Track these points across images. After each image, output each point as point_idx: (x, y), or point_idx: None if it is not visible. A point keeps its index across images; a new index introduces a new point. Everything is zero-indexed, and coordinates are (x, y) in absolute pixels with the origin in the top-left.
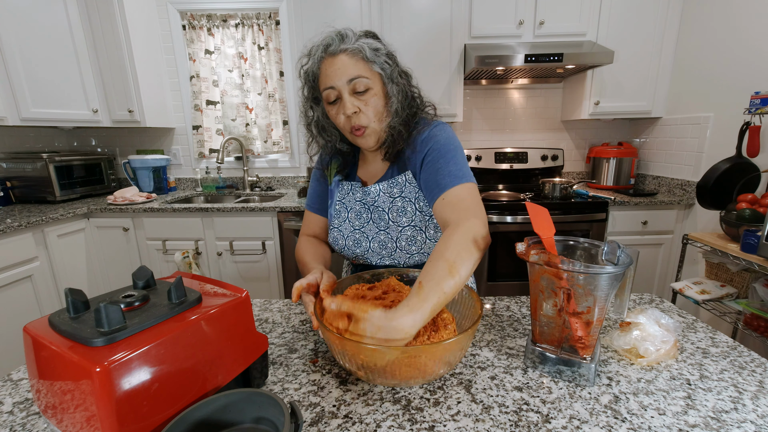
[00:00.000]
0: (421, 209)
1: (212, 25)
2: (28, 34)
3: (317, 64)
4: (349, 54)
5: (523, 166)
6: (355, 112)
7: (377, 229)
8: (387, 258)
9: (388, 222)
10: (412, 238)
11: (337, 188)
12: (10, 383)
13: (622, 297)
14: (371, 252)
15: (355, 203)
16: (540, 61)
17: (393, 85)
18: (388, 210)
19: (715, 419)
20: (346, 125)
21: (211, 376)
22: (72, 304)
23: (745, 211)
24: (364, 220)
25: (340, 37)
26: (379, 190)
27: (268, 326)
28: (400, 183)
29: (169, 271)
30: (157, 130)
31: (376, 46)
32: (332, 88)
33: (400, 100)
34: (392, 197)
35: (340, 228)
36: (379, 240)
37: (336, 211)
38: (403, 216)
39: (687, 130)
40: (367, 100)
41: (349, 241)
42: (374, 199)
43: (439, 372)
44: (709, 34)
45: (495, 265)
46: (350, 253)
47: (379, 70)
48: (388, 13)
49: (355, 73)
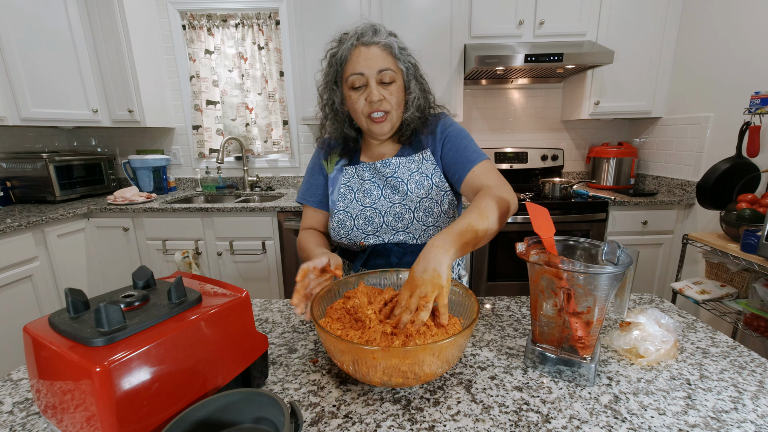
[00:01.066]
0: (437, 184)
1: (212, 25)
2: (28, 34)
3: (349, 50)
4: (381, 47)
5: (523, 166)
6: (380, 99)
7: (391, 203)
8: (402, 232)
9: (406, 192)
10: (429, 210)
11: (340, 174)
12: (10, 383)
13: (622, 297)
14: (385, 228)
15: (363, 183)
16: (540, 61)
17: (414, 81)
18: (407, 181)
19: (715, 419)
20: (365, 109)
21: (211, 376)
22: (72, 304)
23: (745, 211)
24: (374, 197)
25: (374, 30)
26: (398, 163)
27: (268, 326)
28: (417, 160)
29: (169, 271)
30: (157, 130)
31: (403, 45)
32: (361, 75)
33: (417, 95)
34: (410, 171)
35: (347, 209)
36: (395, 213)
37: (341, 194)
38: (420, 188)
39: (687, 130)
40: (391, 90)
41: (359, 221)
42: (393, 171)
43: (437, 371)
44: (709, 34)
45: (495, 265)
46: (359, 233)
47: (403, 66)
48: (388, 13)
49: (384, 65)
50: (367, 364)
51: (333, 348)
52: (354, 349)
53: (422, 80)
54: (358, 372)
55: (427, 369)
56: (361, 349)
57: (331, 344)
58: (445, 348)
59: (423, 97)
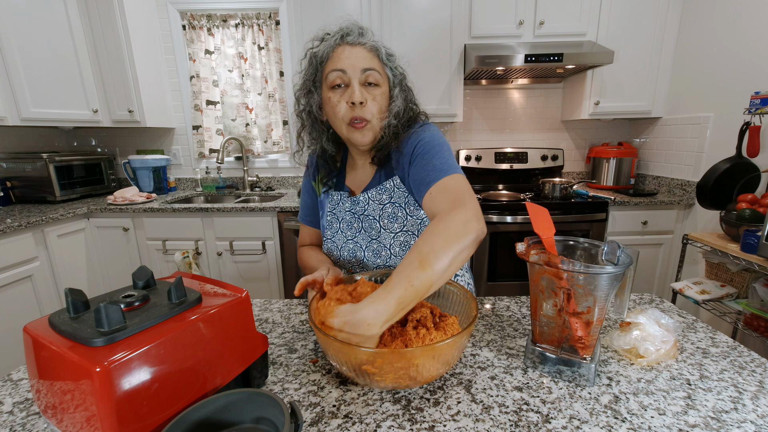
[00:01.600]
0: (412, 213)
1: (212, 25)
2: (28, 34)
3: (331, 48)
4: (367, 48)
5: (523, 166)
6: (362, 102)
7: (369, 238)
8: (383, 267)
9: (379, 230)
10: (406, 243)
11: (326, 199)
12: (10, 383)
13: (622, 297)
14: (366, 262)
15: (345, 213)
16: (540, 61)
17: (399, 89)
18: (378, 218)
19: (715, 419)
20: (347, 114)
21: (211, 376)
22: (72, 304)
23: (745, 211)
24: (355, 230)
25: (361, 31)
26: (368, 198)
27: (268, 326)
28: (389, 189)
29: (169, 271)
30: (157, 130)
31: (391, 52)
32: (342, 72)
33: (401, 104)
34: (381, 204)
35: (334, 239)
36: (373, 249)
37: (328, 222)
38: (394, 222)
39: (687, 130)
40: (375, 95)
41: (343, 252)
42: (364, 208)
43: (435, 374)
44: (709, 34)
45: (495, 265)
46: (347, 263)
47: (389, 73)
48: (388, 13)
49: (370, 65)
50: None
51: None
52: (352, 351)
53: (408, 90)
54: (358, 376)
55: (425, 372)
56: (359, 351)
57: (329, 348)
58: (443, 349)
59: (403, 106)
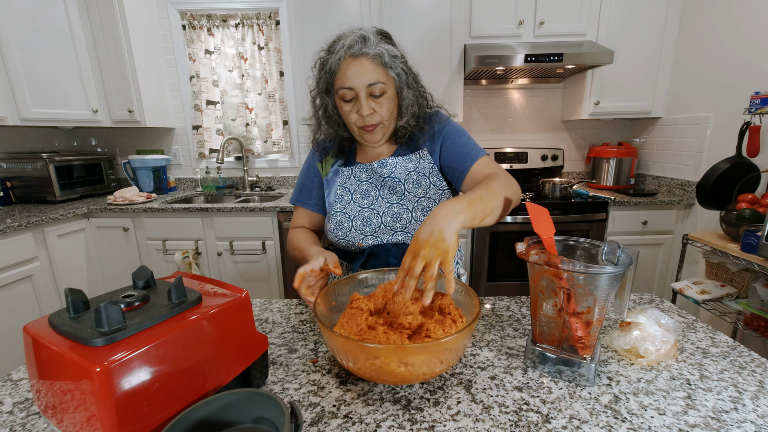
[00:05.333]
0: (435, 183)
1: (212, 25)
2: (28, 34)
3: (338, 62)
4: (370, 58)
5: (523, 166)
6: (370, 113)
7: (388, 203)
8: (400, 232)
9: (404, 192)
10: (428, 209)
11: (336, 176)
12: (10, 383)
13: (622, 297)
14: (383, 228)
15: (360, 184)
16: (540, 61)
17: (407, 89)
18: (404, 180)
19: (715, 419)
20: (358, 122)
21: (211, 376)
22: (72, 304)
23: (745, 211)
24: (372, 198)
25: (363, 40)
26: (395, 162)
27: (268, 326)
28: (414, 159)
29: (169, 271)
30: (157, 130)
31: (394, 53)
32: (350, 89)
33: (411, 101)
34: (408, 170)
35: (345, 210)
36: (393, 213)
37: (337, 196)
38: (418, 188)
39: (687, 130)
40: (381, 102)
41: (357, 221)
42: (391, 171)
43: (439, 369)
44: (709, 34)
45: (495, 265)
46: (357, 234)
47: (394, 75)
48: (388, 14)
49: (374, 78)
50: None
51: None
52: (358, 347)
53: (416, 85)
54: (362, 369)
55: (426, 367)
56: (365, 346)
57: (335, 342)
58: (447, 344)
59: (417, 104)
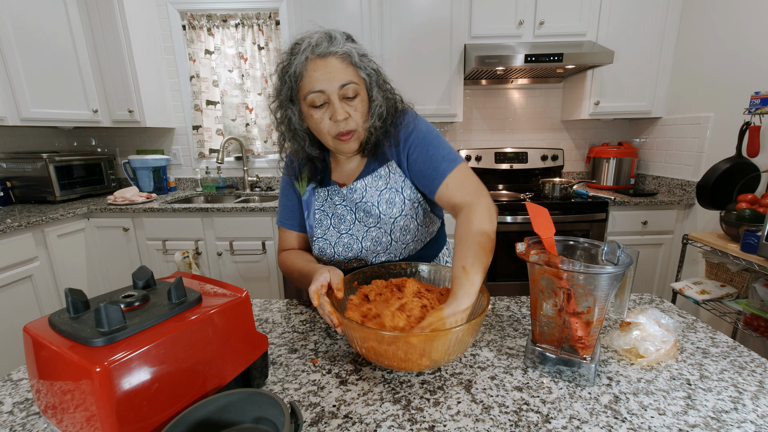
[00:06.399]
0: (409, 197)
1: (212, 25)
2: (28, 34)
3: (303, 64)
4: (339, 57)
5: (523, 166)
6: (346, 118)
7: (366, 226)
8: (383, 254)
9: (379, 216)
10: (406, 228)
11: (313, 197)
12: (10, 383)
13: (622, 297)
14: (365, 252)
15: (336, 207)
16: (540, 61)
17: (378, 89)
18: (377, 203)
19: (715, 419)
20: (332, 130)
21: (211, 376)
22: (72, 304)
23: (745, 211)
24: (349, 222)
25: (329, 38)
26: (364, 185)
27: (268, 326)
28: (384, 175)
29: (169, 271)
30: (157, 130)
31: (363, 51)
32: (321, 92)
33: (380, 102)
34: (378, 190)
35: (325, 237)
36: (372, 237)
37: (317, 220)
38: (393, 207)
39: (687, 130)
40: (356, 105)
41: (338, 248)
42: (361, 195)
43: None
44: (709, 34)
45: (495, 265)
46: (342, 259)
47: (365, 75)
48: (388, 14)
49: (346, 78)
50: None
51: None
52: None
53: (385, 85)
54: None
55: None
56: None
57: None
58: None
59: (385, 104)
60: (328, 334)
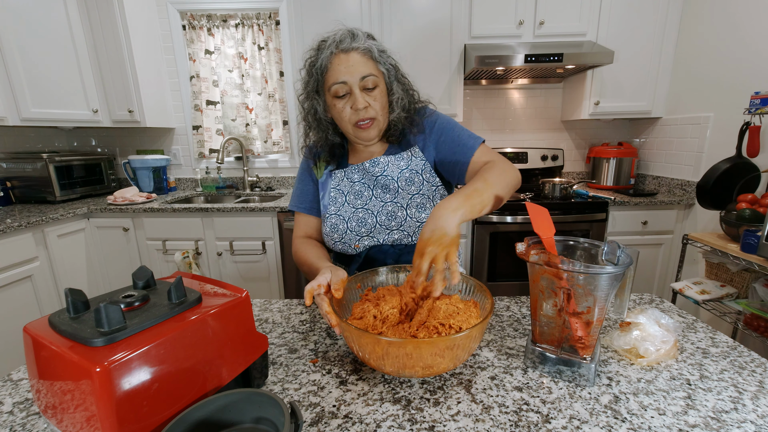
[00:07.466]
0: (428, 179)
1: (212, 25)
2: (28, 34)
3: (328, 58)
4: (360, 52)
5: (523, 166)
6: (366, 106)
7: (382, 202)
8: (396, 230)
9: (397, 190)
10: (422, 206)
11: (330, 178)
12: (10, 383)
13: (622, 297)
14: (378, 228)
15: (353, 185)
16: (540, 61)
17: (396, 83)
18: (397, 178)
19: (715, 419)
20: (352, 117)
21: (211, 376)
22: (72, 304)
23: (745, 211)
24: (365, 198)
25: (352, 36)
26: (387, 161)
27: (268, 326)
28: (406, 157)
29: (169, 271)
30: (157, 130)
31: (382, 48)
32: (344, 83)
33: (400, 95)
34: (399, 168)
35: (339, 212)
36: (387, 212)
37: (332, 198)
38: (411, 185)
39: (687, 130)
40: (375, 96)
41: (352, 223)
42: (383, 169)
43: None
44: (709, 34)
45: (495, 265)
46: (353, 235)
47: (384, 69)
48: (388, 14)
49: (366, 71)
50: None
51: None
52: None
53: (404, 79)
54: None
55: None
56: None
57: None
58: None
59: (406, 97)
60: (328, 334)
